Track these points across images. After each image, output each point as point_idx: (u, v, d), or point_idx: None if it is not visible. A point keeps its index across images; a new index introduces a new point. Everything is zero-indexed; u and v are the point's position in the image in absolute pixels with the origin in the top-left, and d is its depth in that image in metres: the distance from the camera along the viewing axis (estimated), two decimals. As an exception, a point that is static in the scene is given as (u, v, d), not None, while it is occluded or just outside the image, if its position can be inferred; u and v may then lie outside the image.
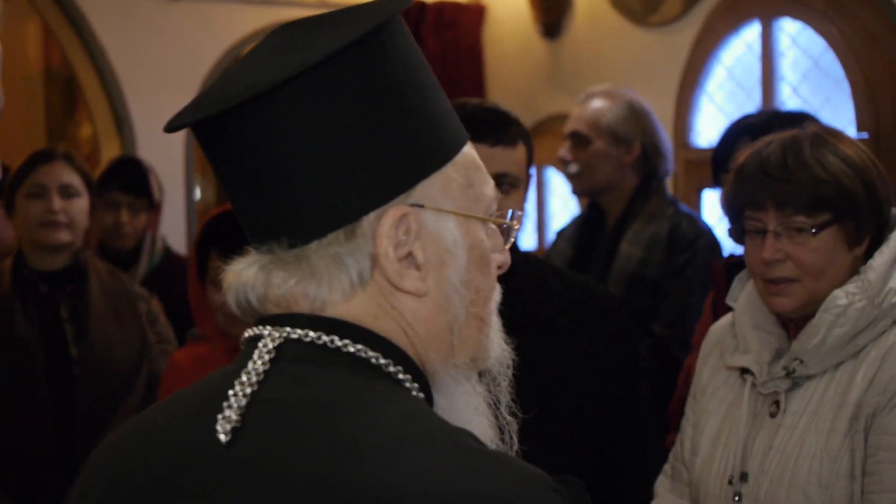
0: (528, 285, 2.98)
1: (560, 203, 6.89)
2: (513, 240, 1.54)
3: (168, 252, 5.17)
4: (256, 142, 1.35)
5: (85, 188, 3.96)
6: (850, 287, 2.46)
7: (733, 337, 2.66)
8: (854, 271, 2.50)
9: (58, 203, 3.85)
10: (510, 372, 1.53)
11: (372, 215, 1.35)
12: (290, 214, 1.35)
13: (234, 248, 1.46)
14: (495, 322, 1.50)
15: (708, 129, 5.92)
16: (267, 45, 1.42)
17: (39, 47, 9.49)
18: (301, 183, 1.34)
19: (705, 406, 2.69)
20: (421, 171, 1.39)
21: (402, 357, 1.38)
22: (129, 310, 3.97)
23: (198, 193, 7.57)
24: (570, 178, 4.55)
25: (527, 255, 3.11)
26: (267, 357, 1.34)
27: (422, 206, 1.38)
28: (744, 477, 2.51)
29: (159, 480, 1.32)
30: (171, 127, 1.39)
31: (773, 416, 2.52)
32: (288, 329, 1.36)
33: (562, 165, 4.56)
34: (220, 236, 3.22)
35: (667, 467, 2.82)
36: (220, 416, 1.29)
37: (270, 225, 1.37)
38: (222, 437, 1.28)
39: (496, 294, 1.50)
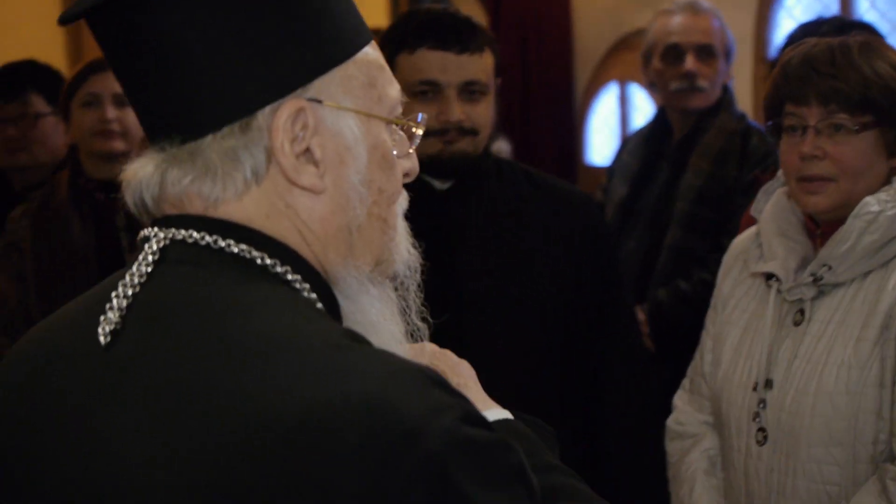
0: (501, 190, 3.00)
1: (642, 119, 6.79)
2: (417, 143, 1.50)
3: None
4: (150, 32, 1.32)
5: (139, 98, 3.96)
6: (883, 195, 2.42)
7: (758, 246, 2.62)
8: (888, 183, 2.45)
9: (112, 112, 3.85)
10: (418, 276, 1.51)
11: (267, 109, 1.33)
12: (185, 108, 1.33)
13: None
14: (401, 226, 1.48)
15: (788, 44, 5.79)
16: None
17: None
18: (196, 75, 1.32)
19: (727, 317, 2.66)
20: (319, 66, 1.36)
21: (291, 257, 1.36)
22: (183, 219, 4.00)
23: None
24: (691, 92, 4.29)
25: (499, 161, 3.11)
26: (151, 259, 1.33)
27: (319, 102, 1.35)
28: (768, 384, 2.48)
29: (46, 377, 1.34)
30: (65, 17, 1.37)
31: (797, 324, 2.48)
32: (173, 231, 1.34)
33: (681, 79, 4.29)
34: None
35: (685, 381, 2.81)
36: (102, 318, 1.30)
37: (165, 121, 1.35)
38: (102, 339, 1.29)
39: (402, 199, 1.48)
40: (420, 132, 1.50)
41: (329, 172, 1.37)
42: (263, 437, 1.15)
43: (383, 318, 1.44)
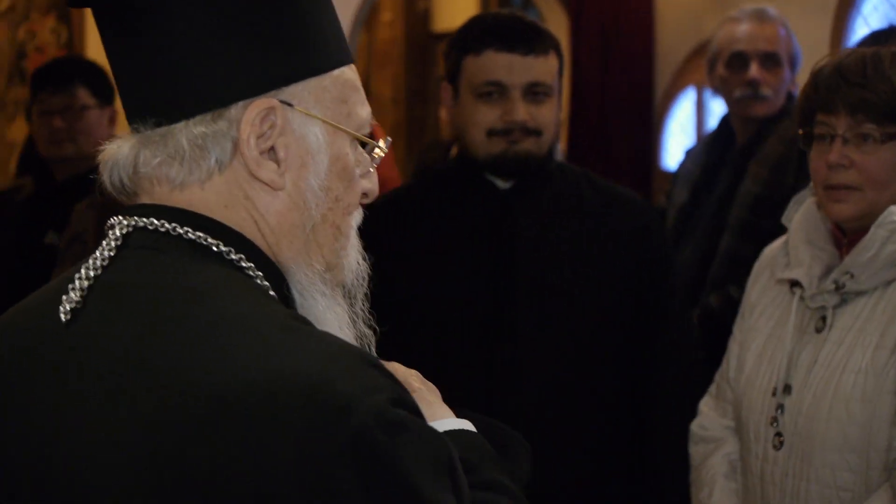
0: (561, 191, 3.05)
1: (719, 125, 6.77)
2: (377, 164, 1.57)
3: None
4: (144, 15, 1.41)
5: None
6: None
7: (785, 255, 2.64)
8: None
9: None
10: (365, 286, 1.58)
11: (241, 103, 1.42)
12: (165, 93, 1.42)
13: None
14: (353, 237, 1.56)
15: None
16: None
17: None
18: (181, 62, 1.41)
19: (752, 324, 2.69)
20: (296, 73, 1.45)
21: (246, 246, 1.45)
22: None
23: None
24: (755, 99, 4.29)
25: (562, 165, 3.18)
26: (114, 244, 1.43)
27: (290, 105, 1.44)
28: (787, 389, 2.51)
29: (17, 353, 1.44)
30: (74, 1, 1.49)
31: (818, 331, 2.50)
32: (136, 218, 1.44)
33: (744, 87, 4.29)
34: None
35: (712, 387, 2.84)
36: (63, 298, 1.40)
37: (144, 103, 1.44)
38: (62, 317, 1.39)
39: (357, 214, 1.56)
40: (382, 154, 1.58)
41: (289, 172, 1.46)
42: (210, 410, 1.25)
43: (332, 313, 1.51)
